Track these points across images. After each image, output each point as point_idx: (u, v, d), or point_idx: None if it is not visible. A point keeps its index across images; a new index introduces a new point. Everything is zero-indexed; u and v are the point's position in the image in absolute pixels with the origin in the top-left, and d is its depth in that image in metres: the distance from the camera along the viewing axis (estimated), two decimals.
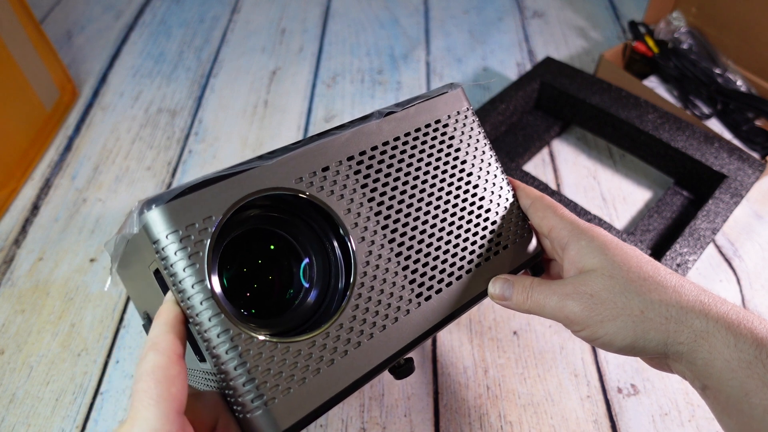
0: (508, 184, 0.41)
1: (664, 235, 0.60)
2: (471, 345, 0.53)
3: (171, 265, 0.29)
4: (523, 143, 0.70)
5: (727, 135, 0.69)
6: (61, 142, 0.74)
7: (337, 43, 0.91)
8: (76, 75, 0.84)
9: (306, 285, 0.35)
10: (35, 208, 0.66)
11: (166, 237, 0.28)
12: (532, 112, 0.74)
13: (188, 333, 0.30)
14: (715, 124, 0.70)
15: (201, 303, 0.29)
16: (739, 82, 0.73)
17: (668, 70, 0.74)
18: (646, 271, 0.33)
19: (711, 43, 0.78)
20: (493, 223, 0.39)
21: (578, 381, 0.51)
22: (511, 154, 0.68)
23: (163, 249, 0.28)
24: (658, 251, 0.58)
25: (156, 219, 0.28)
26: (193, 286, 0.28)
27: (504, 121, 0.70)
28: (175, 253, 0.28)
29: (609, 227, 0.57)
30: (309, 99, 0.81)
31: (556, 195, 0.59)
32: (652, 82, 0.76)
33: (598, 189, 0.67)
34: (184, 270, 0.28)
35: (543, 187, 0.60)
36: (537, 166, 0.70)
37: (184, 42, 0.91)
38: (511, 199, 0.40)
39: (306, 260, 0.35)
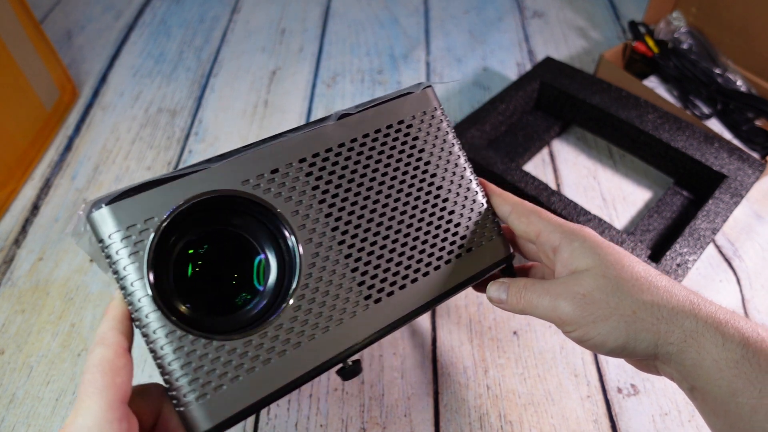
0: (478, 185, 0.40)
1: (664, 235, 0.60)
2: (471, 345, 0.53)
3: (114, 263, 0.30)
4: (523, 143, 0.70)
5: (727, 135, 0.69)
6: (61, 142, 0.74)
7: (337, 43, 0.91)
8: (76, 75, 0.84)
9: (260, 288, 0.35)
10: (35, 208, 0.66)
11: (109, 237, 0.30)
12: (532, 112, 0.74)
13: None
14: (715, 124, 0.70)
15: (139, 300, 0.30)
16: (739, 82, 0.73)
17: (668, 70, 0.74)
18: (637, 272, 0.33)
19: (711, 43, 0.78)
20: (457, 225, 0.38)
21: (578, 381, 0.51)
22: (511, 154, 0.68)
23: (107, 248, 0.30)
24: (658, 251, 0.58)
25: (99, 219, 0.30)
26: (132, 284, 0.30)
27: (504, 121, 0.70)
28: (117, 252, 0.30)
29: (609, 227, 0.57)
30: (309, 99, 0.81)
31: (556, 195, 0.59)
32: (652, 82, 0.76)
33: (598, 189, 0.67)
34: (125, 268, 0.30)
35: (543, 187, 0.60)
36: (537, 166, 0.70)
37: (184, 42, 0.91)
38: (480, 201, 0.39)
39: (261, 258, 0.35)
